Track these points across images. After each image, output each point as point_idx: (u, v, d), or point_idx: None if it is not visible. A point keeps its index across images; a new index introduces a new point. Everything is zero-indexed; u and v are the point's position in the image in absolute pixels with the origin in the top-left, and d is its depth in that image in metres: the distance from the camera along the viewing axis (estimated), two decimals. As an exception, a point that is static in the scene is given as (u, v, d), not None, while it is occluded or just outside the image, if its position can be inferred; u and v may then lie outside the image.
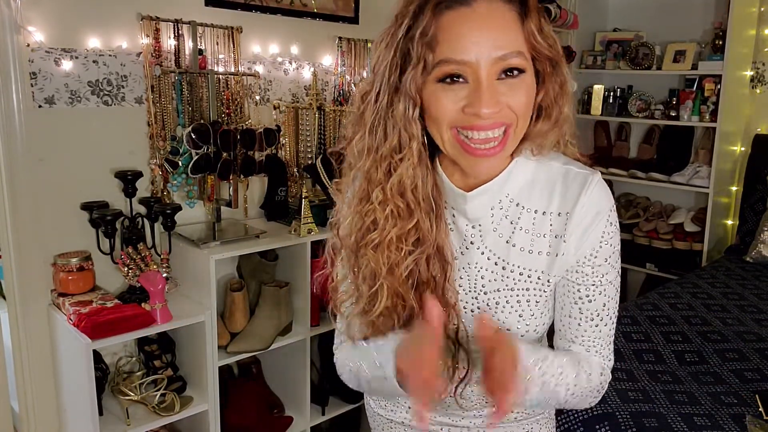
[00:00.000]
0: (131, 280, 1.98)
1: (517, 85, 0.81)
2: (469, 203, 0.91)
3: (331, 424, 2.61)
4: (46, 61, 1.90)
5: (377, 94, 0.85)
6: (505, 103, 0.80)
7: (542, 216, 0.91)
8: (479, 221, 0.93)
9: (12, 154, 1.86)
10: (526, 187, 0.91)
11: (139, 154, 2.13)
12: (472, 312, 0.96)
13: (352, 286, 0.95)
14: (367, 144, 0.88)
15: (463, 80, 0.79)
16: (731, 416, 1.70)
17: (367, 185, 0.89)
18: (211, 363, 2.03)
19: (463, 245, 0.94)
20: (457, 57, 0.78)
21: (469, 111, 0.79)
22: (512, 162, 0.90)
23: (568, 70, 0.87)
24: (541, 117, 0.87)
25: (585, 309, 0.93)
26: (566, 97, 0.87)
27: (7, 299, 1.97)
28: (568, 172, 0.91)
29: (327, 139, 2.48)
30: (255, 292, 2.26)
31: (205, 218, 2.32)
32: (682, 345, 2.15)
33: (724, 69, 3.14)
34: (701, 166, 3.39)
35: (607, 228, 0.90)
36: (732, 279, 2.82)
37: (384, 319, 0.91)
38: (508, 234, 0.92)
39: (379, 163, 0.87)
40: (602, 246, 0.90)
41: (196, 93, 2.19)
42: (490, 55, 0.78)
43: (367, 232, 0.90)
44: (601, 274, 0.92)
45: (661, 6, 3.68)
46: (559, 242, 0.91)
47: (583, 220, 0.89)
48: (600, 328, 0.94)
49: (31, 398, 2.00)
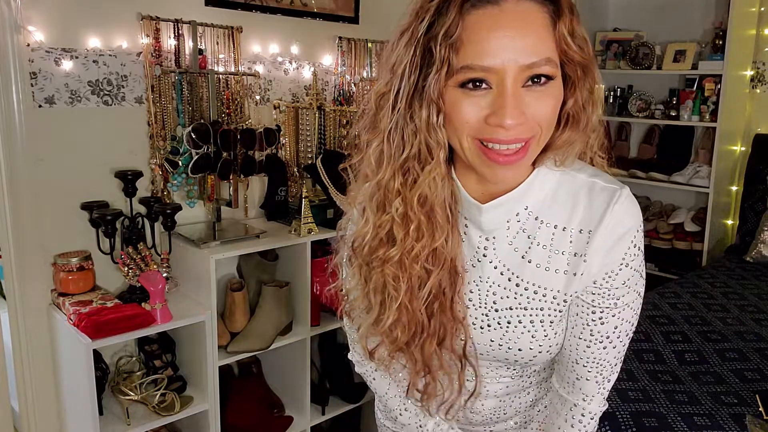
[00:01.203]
0: (131, 279, 1.98)
1: (544, 93, 0.74)
2: (485, 215, 0.85)
3: (332, 424, 2.61)
4: (46, 60, 1.90)
5: (395, 97, 0.78)
6: (530, 114, 0.74)
7: (562, 232, 0.84)
8: (493, 233, 0.87)
9: (12, 154, 1.86)
10: (546, 200, 0.85)
11: (140, 153, 2.13)
12: (481, 329, 0.91)
13: (361, 295, 0.91)
14: (385, 152, 0.81)
15: (486, 86, 0.73)
16: (731, 416, 1.70)
17: (384, 195, 0.83)
18: (211, 363, 2.03)
19: (475, 257, 0.89)
20: (483, 63, 0.71)
21: (493, 121, 0.73)
22: (534, 172, 0.83)
23: (599, 74, 0.81)
24: (567, 125, 0.80)
25: (596, 331, 0.87)
26: (595, 104, 0.81)
27: (8, 299, 1.97)
28: (594, 185, 0.83)
29: (327, 138, 2.48)
30: (255, 292, 2.26)
31: (205, 218, 2.32)
32: (683, 345, 2.14)
33: (725, 69, 3.13)
34: (701, 165, 3.39)
35: (630, 249, 0.82)
36: (732, 279, 2.81)
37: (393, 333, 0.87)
38: (524, 249, 0.86)
39: (398, 172, 0.81)
40: (622, 268, 0.83)
41: (197, 93, 2.19)
42: (518, 61, 0.71)
43: (381, 244, 0.84)
44: (617, 297, 0.85)
45: (661, 6, 3.67)
46: (579, 261, 0.84)
47: (606, 240, 0.82)
48: (608, 351, 0.88)
49: (31, 398, 2.00)
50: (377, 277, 0.86)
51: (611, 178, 0.86)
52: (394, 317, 0.85)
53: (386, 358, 0.91)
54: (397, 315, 0.85)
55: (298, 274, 2.28)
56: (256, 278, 2.28)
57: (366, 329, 0.90)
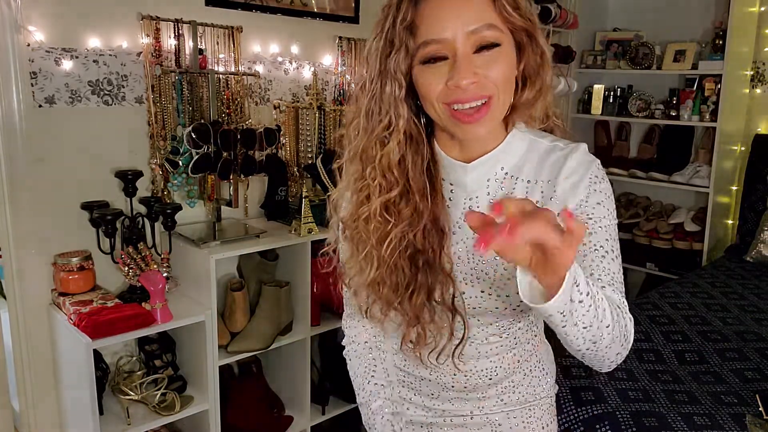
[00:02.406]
0: (132, 279, 1.98)
1: (493, 57, 0.87)
2: (469, 174, 0.97)
3: (332, 424, 2.61)
4: (46, 60, 1.90)
5: (370, 81, 0.94)
6: (482, 74, 0.86)
7: (535, 185, 0.96)
8: (476, 193, 0.98)
9: (12, 154, 1.86)
10: (519, 161, 0.97)
11: (140, 153, 2.13)
12: (471, 284, 0.99)
13: (352, 258, 1.01)
14: (362, 126, 0.96)
15: (444, 59, 0.87)
16: (731, 416, 1.70)
17: (362, 165, 0.97)
18: (211, 362, 2.03)
19: (461, 219, 0.99)
20: (435, 36, 0.86)
21: (451, 83, 0.86)
22: (508, 135, 0.97)
23: (545, 41, 0.93)
24: (526, 86, 0.94)
25: (587, 241, 0.93)
26: (547, 67, 0.94)
27: (8, 299, 1.97)
28: (555, 147, 0.97)
29: (327, 138, 2.48)
30: (255, 292, 2.26)
31: (205, 218, 2.32)
32: (683, 344, 2.15)
33: (725, 68, 3.14)
34: (701, 165, 3.40)
35: (591, 179, 0.93)
36: (732, 278, 2.82)
37: (382, 289, 0.97)
38: None
39: (373, 143, 0.95)
40: (590, 193, 0.93)
41: (197, 92, 2.19)
42: (463, 29, 0.85)
43: (360, 205, 0.97)
44: (596, 216, 0.93)
45: (661, 6, 3.68)
46: (550, 204, 0.95)
47: (569, 179, 0.94)
48: (607, 261, 0.93)
49: (31, 398, 2.00)
50: (360, 236, 0.98)
51: (569, 141, 0.99)
52: (375, 270, 0.96)
53: (380, 316, 1.01)
54: (377, 266, 0.96)
55: (299, 274, 2.28)
56: (256, 278, 2.28)
57: (356, 285, 1.01)
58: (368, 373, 1.18)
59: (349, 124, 0.99)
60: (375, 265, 0.96)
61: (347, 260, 1.04)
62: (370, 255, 0.97)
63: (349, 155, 1.00)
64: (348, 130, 1.00)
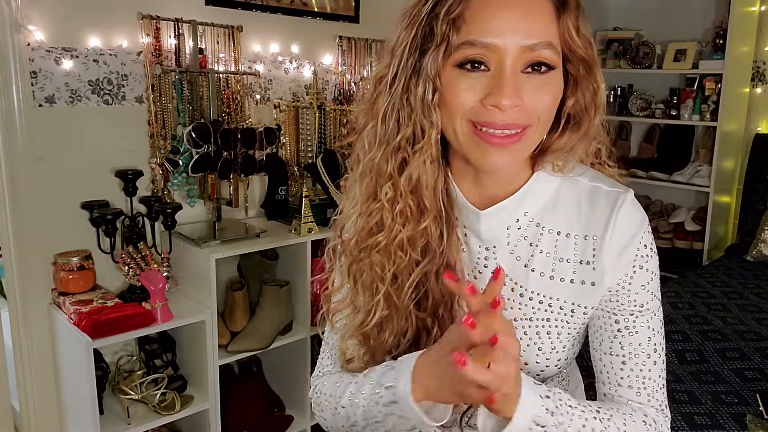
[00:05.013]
0: (132, 279, 1.98)
1: (544, 82, 0.72)
2: (483, 223, 0.81)
3: (332, 423, 2.61)
4: (46, 60, 1.90)
5: (394, 78, 0.76)
6: (527, 101, 0.71)
7: (566, 238, 0.81)
8: (493, 243, 0.83)
9: (12, 154, 1.86)
10: (547, 206, 0.81)
11: (140, 153, 2.13)
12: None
13: (348, 296, 0.85)
14: (379, 134, 0.78)
15: (485, 68, 0.71)
16: (732, 415, 1.70)
17: (375, 181, 0.79)
18: (211, 362, 2.03)
19: (476, 269, 0.84)
20: (484, 39, 0.70)
21: (489, 102, 0.70)
22: (533, 176, 0.81)
23: (602, 78, 0.77)
24: (568, 128, 0.78)
25: (627, 343, 0.81)
26: (598, 108, 0.78)
27: (8, 298, 1.97)
28: (597, 190, 0.81)
29: (327, 138, 2.48)
30: (255, 292, 2.26)
31: (205, 217, 2.32)
32: (683, 344, 2.14)
33: (725, 68, 3.13)
34: (702, 165, 3.39)
35: (641, 251, 0.79)
36: (732, 278, 2.81)
37: (381, 335, 0.82)
38: (526, 257, 0.82)
39: (391, 156, 0.77)
40: (636, 271, 0.80)
41: (197, 92, 2.19)
42: (519, 42, 0.70)
43: (370, 234, 0.80)
44: (639, 303, 0.81)
45: (661, 5, 3.67)
46: (587, 269, 0.80)
47: (615, 245, 0.79)
48: (648, 367, 0.81)
49: (31, 397, 2.00)
50: (366, 272, 0.82)
51: (614, 182, 0.83)
52: (382, 313, 0.80)
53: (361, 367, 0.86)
54: (386, 309, 0.80)
55: (299, 273, 2.28)
56: (257, 278, 2.28)
57: (351, 330, 0.85)
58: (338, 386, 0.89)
59: (362, 130, 0.81)
60: (382, 307, 0.80)
61: (341, 300, 0.87)
62: (375, 294, 0.81)
63: (360, 168, 0.82)
64: (361, 135, 0.81)
